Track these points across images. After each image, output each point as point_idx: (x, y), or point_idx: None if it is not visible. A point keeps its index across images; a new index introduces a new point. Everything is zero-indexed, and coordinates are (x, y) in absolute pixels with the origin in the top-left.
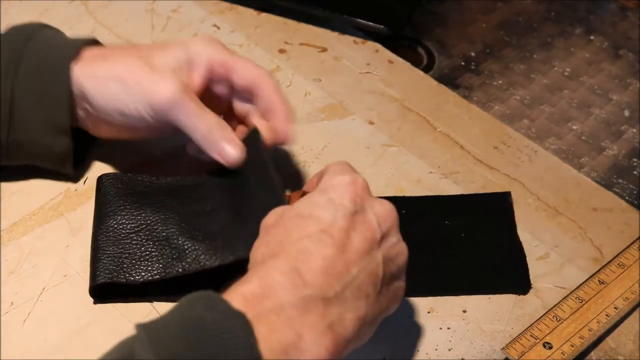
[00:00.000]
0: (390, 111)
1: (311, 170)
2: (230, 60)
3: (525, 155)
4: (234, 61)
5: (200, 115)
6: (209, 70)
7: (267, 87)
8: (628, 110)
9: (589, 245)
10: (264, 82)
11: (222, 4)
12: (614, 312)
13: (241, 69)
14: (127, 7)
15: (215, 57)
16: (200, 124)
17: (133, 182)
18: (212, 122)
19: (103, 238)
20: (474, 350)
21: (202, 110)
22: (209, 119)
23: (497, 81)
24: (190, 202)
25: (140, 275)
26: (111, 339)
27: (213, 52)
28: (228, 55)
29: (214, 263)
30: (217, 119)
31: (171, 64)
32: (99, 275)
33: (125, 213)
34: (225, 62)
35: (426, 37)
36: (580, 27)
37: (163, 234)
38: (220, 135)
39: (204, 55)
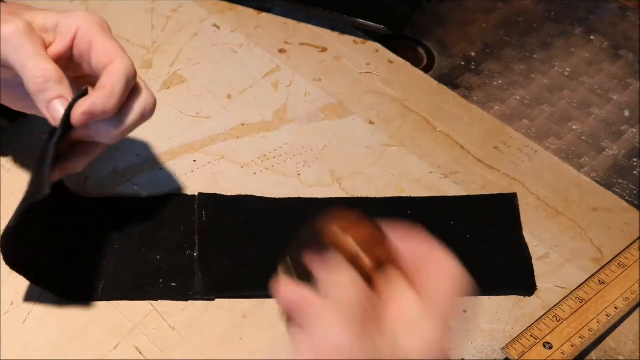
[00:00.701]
0: (390, 111)
1: (311, 170)
2: (95, 37)
3: (525, 155)
4: (98, 39)
5: (37, 57)
6: (72, 41)
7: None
8: (628, 110)
9: (589, 245)
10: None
11: (222, 3)
12: (614, 312)
13: (102, 48)
14: (127, 7)
15: (83, 31)
16: (34, 70)
17: None
18: (49, 73)
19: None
20: (474, 350)
21: (41, 54)
22: (45, 64)
23: (497, 81)
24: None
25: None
26: (111, 339)
27: (84, 25)
28: (95, 32)
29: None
30: (57, 71)
31: (38, 20)
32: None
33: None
34: (91, 39)
35: (426, 37)
36: (580, 27)
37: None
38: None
39: (74, 25)
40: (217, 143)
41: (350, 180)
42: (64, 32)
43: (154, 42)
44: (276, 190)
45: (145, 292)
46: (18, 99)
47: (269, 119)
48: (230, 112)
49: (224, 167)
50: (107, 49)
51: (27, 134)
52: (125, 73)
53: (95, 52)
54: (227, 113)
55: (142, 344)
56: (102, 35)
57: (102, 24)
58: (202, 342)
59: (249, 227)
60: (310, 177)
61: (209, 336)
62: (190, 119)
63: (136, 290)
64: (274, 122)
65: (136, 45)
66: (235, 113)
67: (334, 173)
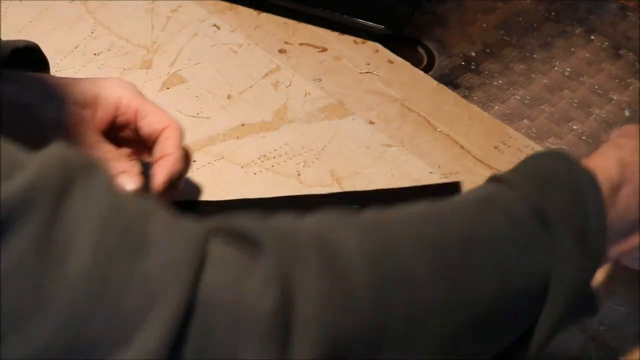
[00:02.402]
0: (390, 111)
1: (311, 170)
2: (142, 105)
3: (525, 155)
4: (145, 107)
5: (96, 145)
6: (116, 112)
7: (172, 136)
8: (628, 110)
9: None
10: (172, 132)
11: (222, 3)
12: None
13: (152, 115)
14: (127, 7)
15: (125, 100)
16: (95, 154)
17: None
18: (108, 154)
19: None
20: None
21: (98, 141)
22: (105, 150)
23: (497, 81)
24: None
25: None
26: None
27: (123, 94)
28: (139, 99)
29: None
30: (113, 150)
31: (76, 96)
32: None
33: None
34: (136, 107)
35: (426, 37)
36: (581, 27)
37: None
38: (115, 165)
39: (114, 94)
40: (217, 143)
41: (350, 180)
42: (105, 104)
43: (154, 42)
44: (276, 191)
45: None
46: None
47: (269, 119)
48: (230, 112)
49: (224, 167)
50: (158, 117)
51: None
52: (181, 137)
53: (147, 120)
54: (227, 113)
55: None
56: (146, 104)
57: (137, 90)
58: None
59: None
60: (310, 177)
61: None
62: (190, 119)
63: None
64: (274, 122)
65: (136, 45)
66: (235, 113)
67: (334, 173)
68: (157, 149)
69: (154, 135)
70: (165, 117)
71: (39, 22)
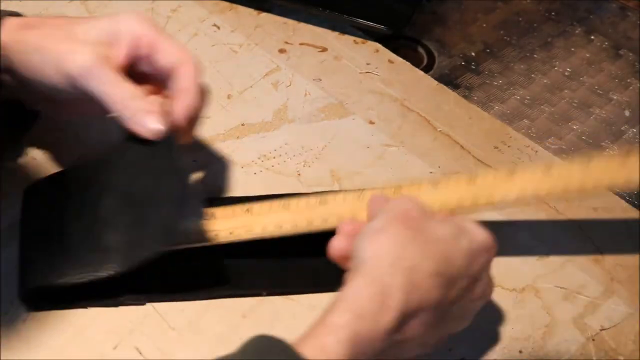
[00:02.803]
0: (390, 111)
1: (311, 170)
2: (157, 39)
3: (525, 155)
4: (160, 41)
5: (117, 83)
6: (134, 47)
7: (187, 71)
8: (628, 110)
9: (589, 245)
10: (187, 68)
11: (222, 3)
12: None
13: (166, 49)
14: (127, 7)
15: (141, 34)
16: (116, 92)
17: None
18: (130, 91)
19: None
20: (474, 351)
21: (119, 79)
22: (126, 88)
23: (497, 81)
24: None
25: (72, 277)
26: (111, 339)
27: (140, 28)
28: (155, 34)
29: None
30: (136, 89)
31: (92, 35)
32: (31, 280)
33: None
34: (151, 41)
35: (426, 37)
36: (581, 27)
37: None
38: (140, 104)
39: (130, 30)
40: (217, 143)
41: (350, 180)
42: (121, 41)
43: None
44: (276, 190)
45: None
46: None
47: (269, 119)
48: (230, 112)
49: (224, 167)
50: (174, 51)
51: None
52: (196, 72)
53: (161, 54)
54: (227, 113)
55: (142, 344)
56: (162, 37)
57: (150, 20)
58: (202, 342)
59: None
60: (310, 177)
61: (208, 336)
62: None
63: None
64: (274, 122)
65: None
66: (235, 113)
67: (334, 173)
68: (174, 85)
69: (169, 70)
70: (180, 51)
71: None
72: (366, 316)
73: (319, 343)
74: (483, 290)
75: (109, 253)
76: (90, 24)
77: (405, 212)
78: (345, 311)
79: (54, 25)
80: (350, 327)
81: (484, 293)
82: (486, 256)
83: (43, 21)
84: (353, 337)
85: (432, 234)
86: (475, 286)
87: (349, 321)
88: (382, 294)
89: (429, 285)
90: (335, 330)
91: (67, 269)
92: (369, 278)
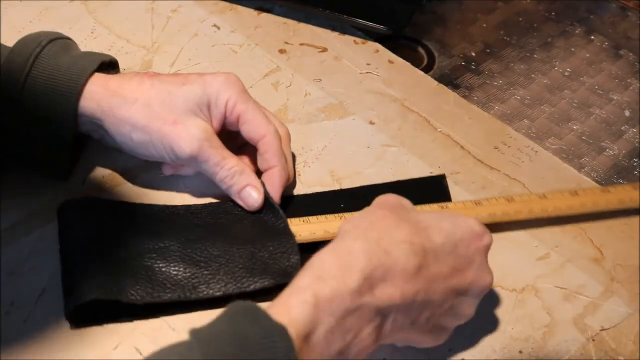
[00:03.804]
0: (390, 111)
1: (311, 171)
2: (243, 111)
3: (525, 155)
4: (246, 112)
5: (222, 163)
6: (225, 114)
7: (270, 148)
8: (628, 110)
9: (589, 246)
10: (269, 143)
11: (222, 4)
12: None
13: (250, 123)
14: (127, 7)
15: (230, 102)
16: (221, 172)
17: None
18: (233, 170)
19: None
20: (474, 350)
21: (223, 158)
22: (230, 166)
23: (497, 81)
24: (184, 228)
25: (140, 296)
26: (111, 340)
27: (230, 95)
28: (242, 103)
29: (216, 293)
30: (238, 165)
31: (193, 109)
32: (89, 291)
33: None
34: (238, 113)
35: (426, 37)
36: (581, 27)
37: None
38: (244, 180)
39: (222, 98)
40: None
41: (351, 181)
42: (216, 106)
43: (154, 42)
44: None
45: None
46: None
47: None
48: None
49: None
50: (257, 124)
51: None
52: (279, 145)
53: (246, 126)
54: None
55: (142, 344)
56: (248, 109)
57: (237, 81)
58: None
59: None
60: (311, 177)
61: None
62: None
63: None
64: None
65: (136, 45)
66: None
67: (334, 173)
68: (260, 159)
69: (253, 141)
70: (263, 124)
71: (39, 22)
72: (328, 278)
73: (285, 303)
74: (477, 276)
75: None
76: (188, 95)
77: (385, 200)
78: (307, 275)
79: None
80: (312, 287)
81: (478, 279)
82: (477, 242)
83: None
84: (316, 297)
85: (409, 216)
86: (466, 269)
87: (311, 282)
88: (345, 258)
89: (399, 251)
90: (298, 291)
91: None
92: (334, 247)
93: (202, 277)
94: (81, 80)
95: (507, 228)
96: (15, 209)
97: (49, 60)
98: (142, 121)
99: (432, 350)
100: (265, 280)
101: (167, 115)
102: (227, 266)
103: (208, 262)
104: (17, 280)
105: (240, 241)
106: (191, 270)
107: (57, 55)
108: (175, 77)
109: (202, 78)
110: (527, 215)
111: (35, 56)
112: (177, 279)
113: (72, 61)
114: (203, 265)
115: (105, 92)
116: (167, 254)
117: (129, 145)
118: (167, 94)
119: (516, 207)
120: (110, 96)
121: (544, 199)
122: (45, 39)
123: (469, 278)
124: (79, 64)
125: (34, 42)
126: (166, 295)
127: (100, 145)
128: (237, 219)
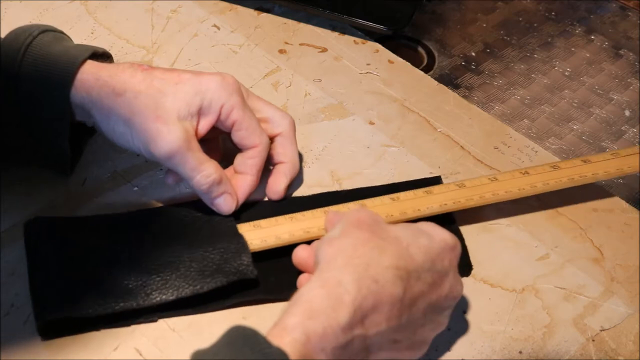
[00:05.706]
0: (390, 111)
1: (311, 170)
2: (240, 118)
3: (525, 155)
4: (243, 121)
5: (199, 169)
6: (219, 118)
7: (257, 159)
8: (628, 110)
9: (589, 246)
10: (257, 154)
11: (222, 4)
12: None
13: (245, 131)
14: (127, 7)
15: (226, 108)
16: (197, 178)
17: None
18: (211, 178)
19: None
20: (474, 351)
21: (200, 163)
22: (208, 173)
23: (497, 81)
24: (135, 238)
25: (92, 308)
26: (111, 340)
27: (226, 100)
28: (239, 110)
29: (170, 297)
30: (216, 173)
31: (180, 110)
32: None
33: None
34: (234, 120)
35: (426, 37)
36: (581, 27)
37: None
38: (220, 189)
39: (217, 102)
40: None
41: (351, 181)
42: (208, 111)
43: (154, 42)
44: None
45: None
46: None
47: None
48: None
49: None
50: (252, 133)
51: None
52: (263, 158)
53: (240, 133)
54: None
55: (142, 345)
56: (246, 117)
57: (239, 89)
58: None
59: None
60: (311, 177)
61: (208, 337)
62: None
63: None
64: None
65: (136, 45)
66: None
67: (334, 173)
68: (241, 163)
69: (243, 148)
70: (257, 134)
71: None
72: (319, 314)
73: (276, 344)
74: (451, 287)
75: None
76: (177, 93)
77: (359, 219)
78: (297, 311)
79: (141, 91)
80: (303, 326)
81: (452, 290)
82: (450, 254)
83: (131, 84)
84: (307, 335)
85: (388, 235)
86: (442, 282)
87: (302, 321)
88: (335, 291)
89: (386, 278)
90: (289, 331)
91: (92, 302)
92: (322, 278)
93: (154, 284)
94: (72, 69)
95: (507, 228)
96: (15, 210)
97: (41, 49)
98: (125, 114)
99: (432, 350)
100: (218, 280)
101: (151, 112)
102: (179, 270)
103: (159, 268)
104: (17, 281)
105: (190, 245)
106: (142, 278)
107: (49, 45)
108: (170, 74)
109: (197, 78)
110: (478, 202)
111: (27, 46)
112: (128, 288)
113: (64, 50)
114: (154, 273)
115: (95, 81)
116: (118, 264)
117: (112, 135)
118: (157, 91)
119: (467, 194)
120: (100, 86)
121: (494, 182)
122: (37, 30)
123: (445, 291)
124: (70, 53)
125: (26, 32)
126: (118, 305)
127: (100, 146)
128: (186, 224)
